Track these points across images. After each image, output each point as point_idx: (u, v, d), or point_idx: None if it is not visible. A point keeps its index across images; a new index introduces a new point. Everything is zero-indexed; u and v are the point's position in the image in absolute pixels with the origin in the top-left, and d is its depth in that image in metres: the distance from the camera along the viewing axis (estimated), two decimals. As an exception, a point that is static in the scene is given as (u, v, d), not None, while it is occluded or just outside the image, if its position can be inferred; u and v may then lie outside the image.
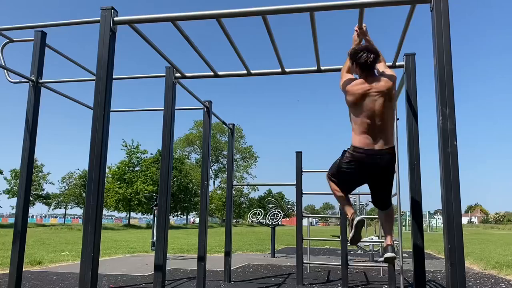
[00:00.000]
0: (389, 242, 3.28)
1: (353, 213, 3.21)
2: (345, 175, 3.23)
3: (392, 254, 3.18)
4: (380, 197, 3.34)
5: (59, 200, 56.34)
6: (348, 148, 3.19)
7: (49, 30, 4.73)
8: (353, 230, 3.11)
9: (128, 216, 51.62)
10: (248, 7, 3.09)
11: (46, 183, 49.62)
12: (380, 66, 3.31)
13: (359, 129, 3.11)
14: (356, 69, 3.25)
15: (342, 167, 3.20)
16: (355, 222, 3.10)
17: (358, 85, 3.16)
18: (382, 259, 3.25)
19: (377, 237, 10.43)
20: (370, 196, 3.48)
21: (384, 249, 3.27)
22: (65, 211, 60.76)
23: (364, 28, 3.41)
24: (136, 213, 50.89)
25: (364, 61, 3.13)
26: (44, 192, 50.24)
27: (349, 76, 3.30)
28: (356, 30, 3.45)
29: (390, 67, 4.20)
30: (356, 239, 3.14)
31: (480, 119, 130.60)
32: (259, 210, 12.90)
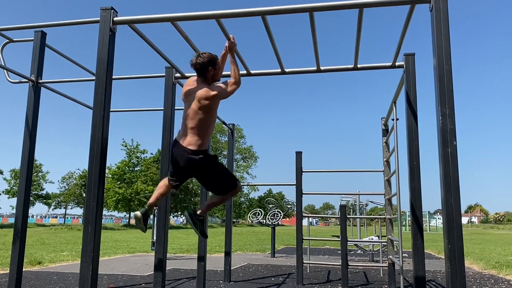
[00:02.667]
0: (198, 212, 3.59)
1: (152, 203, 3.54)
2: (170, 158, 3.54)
3: (187, 216, 3.55)
4: (207, 188, 3.79)
5: (59, 200, 56.33)
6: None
7: (49, 30, 4.74)
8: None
9: (128, 216, 51.61)
10: (248, 7, 3.09)
11: (46, 183, 49.62)
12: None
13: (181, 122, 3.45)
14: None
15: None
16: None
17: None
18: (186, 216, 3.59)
19: (377, 237, 10.43)
20: (370, 196, 3.52)
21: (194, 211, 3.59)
22: (65, 211, 60.76)
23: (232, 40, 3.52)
24: (136, 213, 50.82)
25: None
26: (44, 192, 50.22)
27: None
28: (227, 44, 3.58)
29: (389, 67, 4.21)
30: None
31: (480, 119, 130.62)
32: (259, 210, 12.90)
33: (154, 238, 8.58)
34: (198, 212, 3.57)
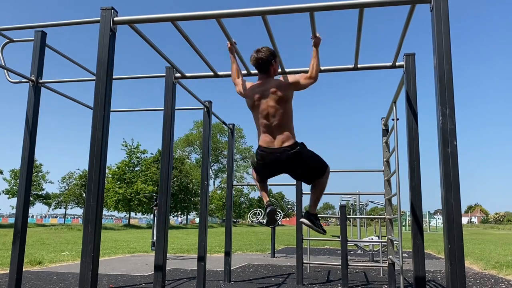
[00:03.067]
0: (311, 210, 3.45)
1: (268, 201, 3.42)
2: (258, 166, 3.44)
3: (306, 221, 3.42)
4: (301, 179, 3.61)
5: (59, 200, 56.33)
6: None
7: (49, 30, 4.74)
8: (267, 217, 3.38)
9: (128, 216, 51.61)
10: (248, 7, 3.09)
11: (45, 183, 49.62)
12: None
13: (260, 129, 3.34)
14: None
15: (255, 160, 3.44)
16: (267, 210, 3.36)
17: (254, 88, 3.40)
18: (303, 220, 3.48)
19: (377, 237, 10.43)
20: (370, 196, 3.56)
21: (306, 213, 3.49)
22: (65, 211, 60.77)
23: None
24: (136, 213, 50.89)
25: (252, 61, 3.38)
26: (44, 192, 50.23)
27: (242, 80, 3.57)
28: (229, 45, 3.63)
29: (389, 67, 4.22)
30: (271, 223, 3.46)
31: (480, 119, 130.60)
32: (259, 210, 12.90)
33: (154, 238, 8.59)
34: (311, 211, 3.45)
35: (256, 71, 4.58)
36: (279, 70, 4.49)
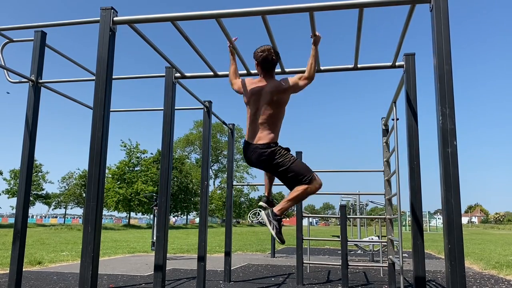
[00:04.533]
0: (275, 210, 3.25)
1: (267, 195, 3.45)
2: None
3: (265, 216, 3.24)
4: (282, 181, 3.48)
5: (59, 200, 56.34)
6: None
7: (49, 30, 4.74)
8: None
9: (128, 216, 51.61)
10: (248, 7, 3.09)
11: (45, 183, 49.63)
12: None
13: (247, 124, 3.36)
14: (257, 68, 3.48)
15: None
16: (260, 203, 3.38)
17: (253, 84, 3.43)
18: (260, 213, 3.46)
19: (377, 237, 10.43)
20: (370, 196, 3.53)
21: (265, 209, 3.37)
22: (65, 211, 60.78)
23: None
24: (136, 213, 50.89)
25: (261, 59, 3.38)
26: (44, 192, 50.23)
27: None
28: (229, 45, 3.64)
29: (389, 67, 4.21)
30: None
31: (480, 119, 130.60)
32: (259, 210, 12.89)
33: (154, 238, 8.58)
34: (277, 212, 3.23)
35: (255, 71, 4.61)
36: (279, 70, 4.50)
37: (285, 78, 3.37)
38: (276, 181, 3.61)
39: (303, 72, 4.59)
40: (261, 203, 3.47)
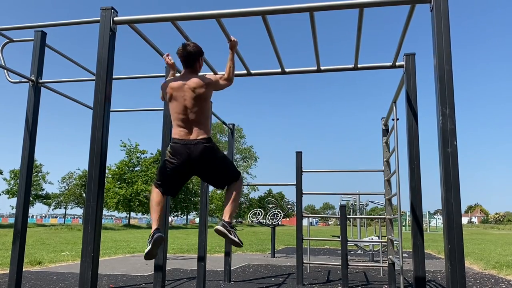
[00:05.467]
0: (226, 219, 3.21)
1: (156, 228, 3.11)
2: (166, 167, 3.24)
3: (221, 228, 3.13)
4: (211, 181, 3.40)
5: (59, 200, 56.35)
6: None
7: (49, 30, 4.74)
8: (150, 245, 3.02)
9: (128, 216, 51.61)
10: (248, 7, 3.09)
11: (45, 183, 49.65)
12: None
13: (175, 123, 3.25)
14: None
15: (165, 162, 3.26)
16: (155, 237, 3.03)
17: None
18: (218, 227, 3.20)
19: (377, 237, 10.43)
20: (370, 196, 3.50)
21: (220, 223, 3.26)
22: (65, 211, 60.79)
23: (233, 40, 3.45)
24: (136, 214, 50.90)
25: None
26: (44, 192, 50.24)
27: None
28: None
29: (389, 67, 4.21)
30: (152, 254, 3.06)
31: (480, 119, 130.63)
32: (259, 210, 12.89)
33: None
34: (225, 219, 3.23)
35: (256, 71, 4.62)
36: (279, 70, 4.50)
37: (206, 75, 3.35)
38: (278, 181, 3.58)
39: (304, 72, 4.63)
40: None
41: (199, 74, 3.35)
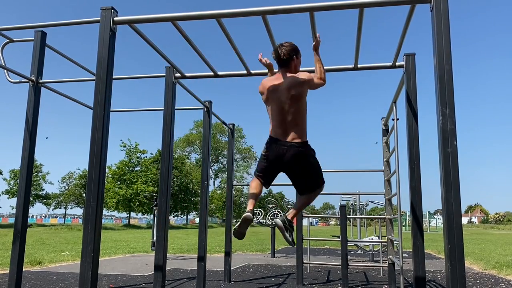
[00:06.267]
0: (289, 216, 3.30)
1: (249, 209, 3.25)
2: (262, 161, 3.32)
3: (281, 224, 3.23)
4: (297, 184, 3.42)
5: (59, 200, 56.37)
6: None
7: (49, 30, 4.74)
8: (239, 223, 3.17)
9: (128, 216, 51.61)
10: (248, 7, 3.09)
11: (45, 183, 49.66)
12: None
13: (272, 123, 3.29)
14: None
15: (262, 156, 3.35)
16: (244, 215, 3.17)
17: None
18: (276, 221, 3.29)
19: (377, 237, 10.43)
20: (370, 196, 3.50)
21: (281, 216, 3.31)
22: (65, 211, 60.81)
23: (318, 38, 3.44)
24: (136, 214, 50.92)
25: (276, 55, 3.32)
26: (44, 192, 50.25)
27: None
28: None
29: (390, 67, 4.22)
30: (239, 232, 3.18)
31: (480, 119, 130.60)
32: (259, 210, 12.89)
33: (154, 238, 8.58)
34: (289, 217, 3.30)
35: (256, 71, 4.62)
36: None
37: (300, 73, 3.34)
38: (278, 180, 3.57)
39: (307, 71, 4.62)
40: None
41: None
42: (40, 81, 4.64)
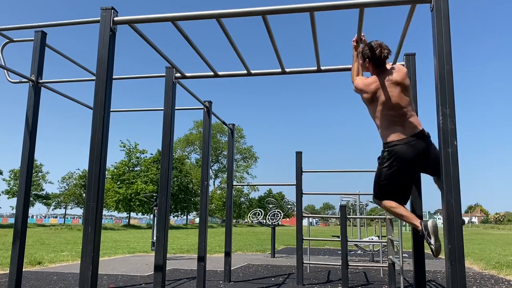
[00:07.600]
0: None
1: (420, 221, 3.07)
2: (396, 173, 3.24)
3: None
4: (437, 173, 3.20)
5: (59, 200, 56.38)
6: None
7: (49, 30, 4.74)
8: (433, 238, 2.93)
9: (128, 216, 51.61)
10: (248, 7, 3.09)
11: (45, 183, 49.67)
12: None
13: (387, 122, 3.29)
14: (368, 66, 3.50)
15: (384, 171, 3.27)
16: (430, 227, 2.92)
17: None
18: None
19: (377, 237, 10.43)
20: (370, 196, 3.48)
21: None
22: (65, 211, 60.82)
23: (363, 38, 3.55)
24: (137, 214, 50.94)
25: (378, 56, 3.39)
26: (44, 192, 50.25)
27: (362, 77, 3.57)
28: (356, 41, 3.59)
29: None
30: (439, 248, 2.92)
31: (481, 119, 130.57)
32: (259, 210, 12.89)
33: (154, 238, 8.58)
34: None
35: (256, 71, 4.61)
36: (279, 70, 4.49)
37: (395, 65, 3.47)
38: (278, 181, 3.58)
39: (304, 72, 4.63)
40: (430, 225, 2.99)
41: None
42: (40, 81, 4.64)
